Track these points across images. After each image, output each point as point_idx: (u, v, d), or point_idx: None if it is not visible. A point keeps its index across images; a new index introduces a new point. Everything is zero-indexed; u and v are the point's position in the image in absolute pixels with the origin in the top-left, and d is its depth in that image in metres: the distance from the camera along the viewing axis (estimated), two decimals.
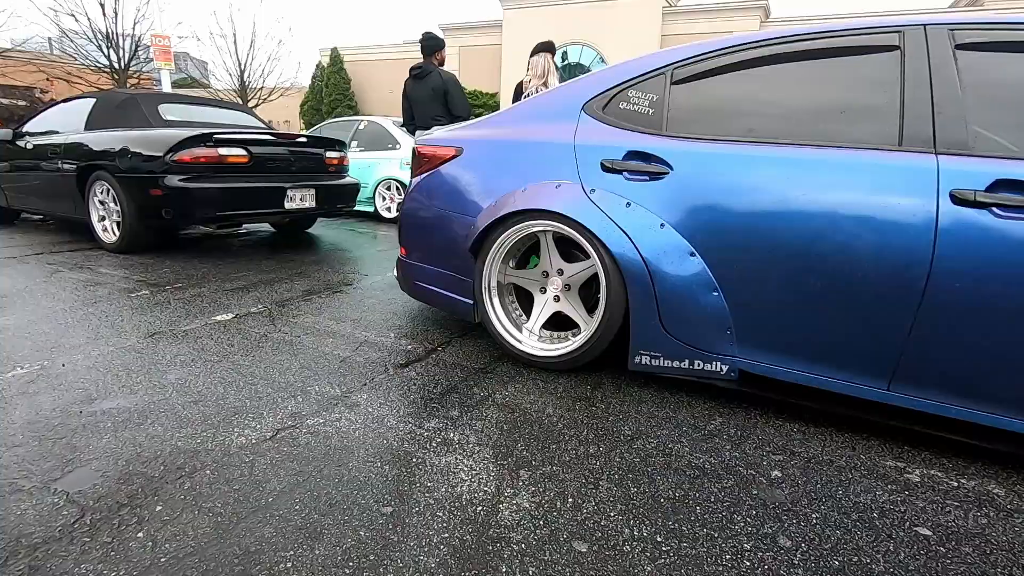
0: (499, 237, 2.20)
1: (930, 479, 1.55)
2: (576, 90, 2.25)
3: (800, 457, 1.63)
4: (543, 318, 2.27)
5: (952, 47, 1.67)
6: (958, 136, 1.59)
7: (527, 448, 1.62)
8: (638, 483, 1.47)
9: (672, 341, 1.94)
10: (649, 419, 1.82)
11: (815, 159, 1.74)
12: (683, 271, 1.88)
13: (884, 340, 1.66)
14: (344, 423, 1.72)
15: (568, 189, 2.06)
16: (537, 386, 2.04)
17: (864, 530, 1.32)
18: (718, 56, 1.99)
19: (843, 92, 1.84)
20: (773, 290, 1.79)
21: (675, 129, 1.98)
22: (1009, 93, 1.64)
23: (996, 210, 1.50)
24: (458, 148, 2.39)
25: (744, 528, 1.31)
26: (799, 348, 1.80)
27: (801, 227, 1.72)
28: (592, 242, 1.99)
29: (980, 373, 1.58)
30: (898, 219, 1.60)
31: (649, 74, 2.08)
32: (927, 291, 1.57)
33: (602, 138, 2.07)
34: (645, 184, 1.95)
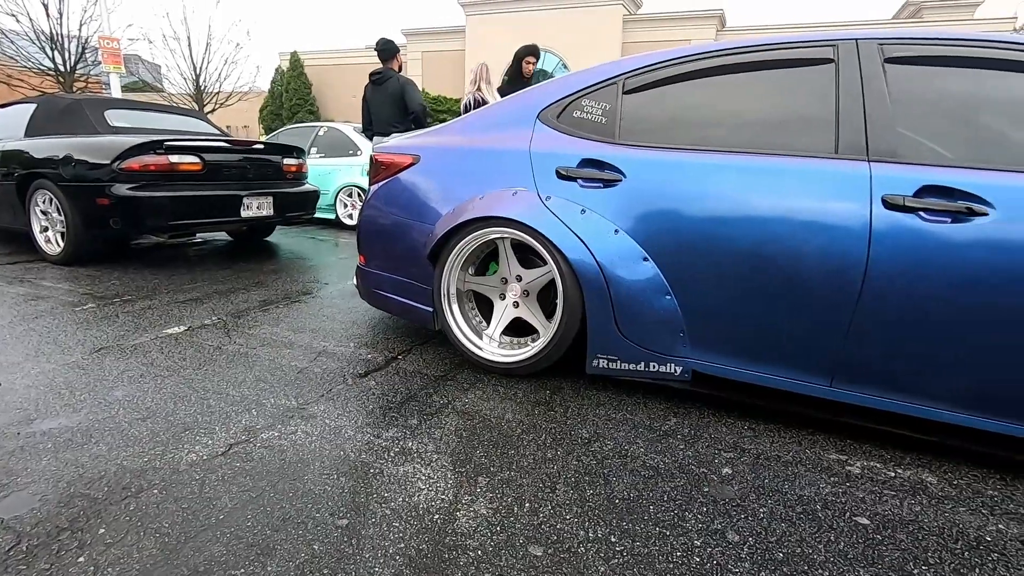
0: (457, 244, 2.21)
1: (869, 470, 1.62)
2: (531, 99, 2.28)
3: (750, 454, 1.68)
4: (503, 324, 2.28)
5: (881, 60, 1.77)
6: (888, 144, 1.68)
7: (486, 455, 1.62)
8: (594, 485, 1.49)
9: (628, 344, 1.98)
10: (606, 421, 1.85)
11: (759, 166, 1.81)
12: (637, 276, 1.92)
13: (825, 339, 1.74)
14: (300, 436, 1.69)
15: (524, 196, 2.09)
16: (497, 392, 2.05)
17: (807, 522, 1.38)
18: (666, 67, 2.05)
19: (784, 102, 1.93)
20: (723, 293, 1.85)
21: (627, 137, 2.03)
22: (932, 104, 1.75)
23: (923, 214, 1.59)
24: (415, 156, 2.39)
25: (695, 525, 1.35)
26: (748, 348, 1.86)
27: (747, 232, 1.79)
28: (548, 248, 2.02)
29: (913, 368, 1.67)
30: (836, 223, 1.68)
31: (602, 84, 2.13)
32: (863, 292, 1.65)
33: (557, 146, 2.11)
34: (599, 191, 1.99)
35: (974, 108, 1.74)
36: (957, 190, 1.57)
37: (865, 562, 1.24)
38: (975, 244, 1.54)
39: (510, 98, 2.41)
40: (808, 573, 1.20)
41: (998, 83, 1.70)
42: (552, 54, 25.36)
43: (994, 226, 1.53)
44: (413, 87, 4.65)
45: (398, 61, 4.76)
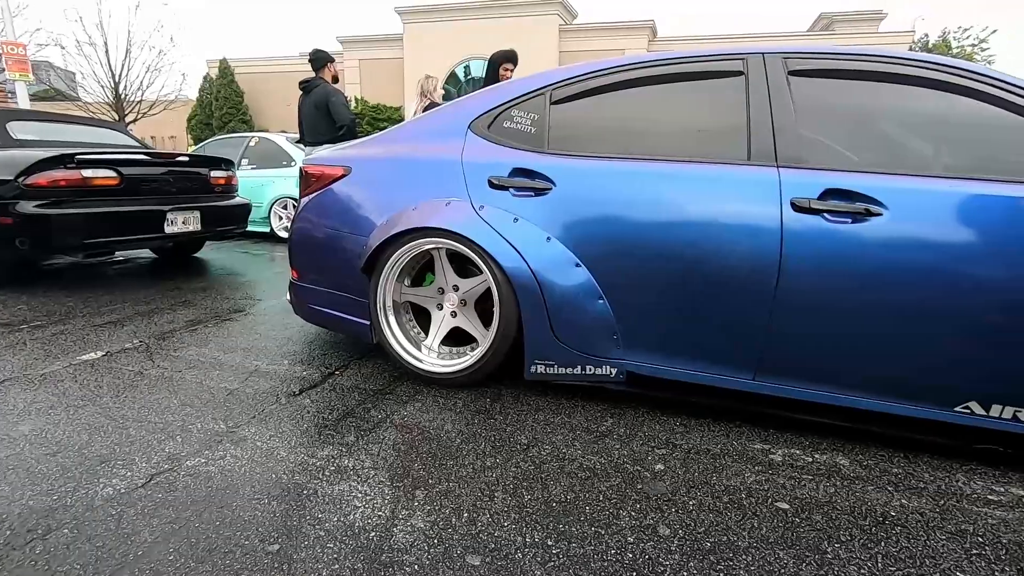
0: (392, 255, 2.18)
1: (790, 457, 1.72)
2: (462, 109, 2.30)
3: (681, 449, 1.75)
4: (441, 334, 2.28)
5: (785, 73, 1.89)
6: (795, 151, 1.80)
7: (424, 467, 1.61)
8: (532, 490, 1.51)
9: (564, 349, 2.02)
10: (545, 426, 1.88)
11: (679, 173, 1.90)
12: (570, 281, 1.97)
13: (747, 335, 1.84)
14: (229, 460, 1.63)
15: (458, 206, 2.09)
16: (437, 403, 2.04)
17: (733, 510, 1.45)
18: (591, 78, 2.11)
19: (701, 112, 2.04)
20: (652, 295, 1.92)
21: (556, 147, 2.08)
22: (831, 113, 1.89)
23: (827, 215, 1.71)
24: (346, 167, 2.35)
25: (629, 522, 1.39)
26: (678, 347, 1.94)
27: (671, 236, 1.87)
28: (483, 257, 2.03)
29: (825, 359, 1.79)
30: (751, 225, 1.78)
31: (530, 94, 2.17)
32: (778, 289, 1.76)
33: (489, 156, 2.13)
34: (531, 200, 2.03)
35: (869, 117, 1.90)
36: (856, 192, 1.70)
37: (784, 544, 1.32)
38: (873, 242, 1.67)
39: (440, 109, 2.42)
40: (733, 559, 1.27)
41: (889, 94, 1.86)
42: None
43: (888, 225, 1.66)
44: (339, 99, 4.56)
45: (330, 71, 4.69)
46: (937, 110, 1.83)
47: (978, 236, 1.62)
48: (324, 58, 4.67)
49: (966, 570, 1.26)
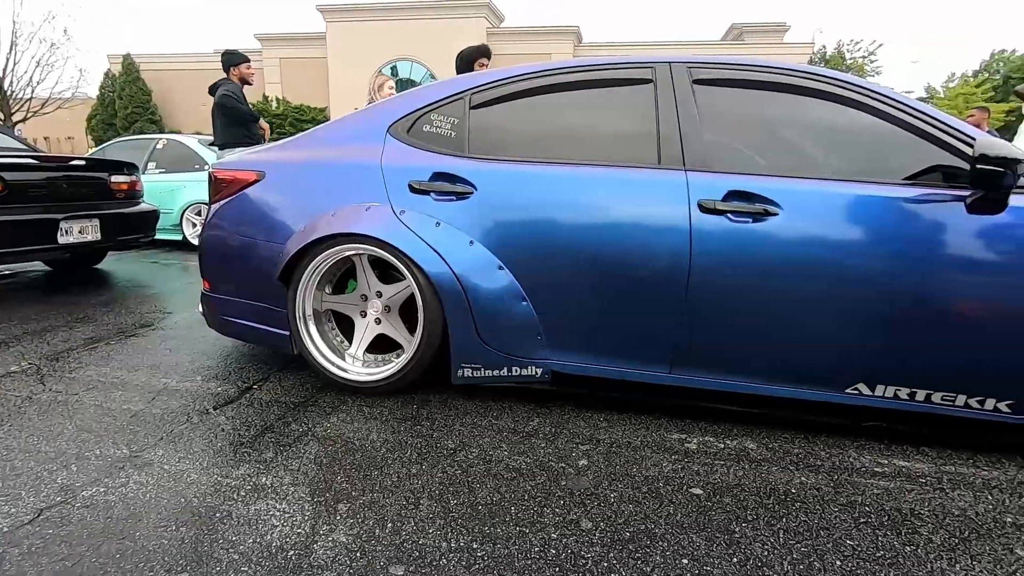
0: (311, 263, 2.12)
1: (704, 445, 1.82)
2: (381, 113, 2.26)
3: (604, 444, 1.81)
4: (366, 342, 2.23)
5: (690, 82, 2.00)
6: (700, 155, 1.91)
7: (348, 479, 1.57)
8: (458, 494, 1.51)
9: (490, 351, 2.03)
10: (472, 429, 1.89)
11: (596, 176, 1.96)
12: (494, 284, 1.99)
13: (662, 330, 1.92)
14: (131, 488, 1.52)
15: (378, 211, 2.06)
16: (362, 413, 2.00)
17: (651, 500, 1.51)
18: (509, 83, 2.14)
19: (615, 117, 2.11)
20: (573, 295, 1.97)
21: (477, 151, 2.09)
22: (733, 120, 2.02)
23: (730, 215, 1.82)
24: (260, 172, 2.26)
25: (552, 519, 1.42)
26: (599, 345, 2.00)
27: (589, 237, 1.93)
28: (406, 263, 2.01)
29: (734, 350, 1.91)
30: (663, 226, 1.87)
31: (449, 98, 2.17)
32: (689, 286, 1.86)
33: (409, 160, 2.11)
34: (452, 204, 2.03)
35: (766, 124, 2.04)
36: (755, 194, 1.82)
37: (697, 528, 1.40)
38: (770, 239, 1.80)
39: (359, 112, 2.37)
40: (650, 546, 1.32)
41: (783, 103, 2.01)
42: (420, 64, 25.32)
43: (783, 224, 1.79)
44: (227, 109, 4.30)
45: (237, 72, 4.47)
46: (825, 118, 2.00)
47: (861, 232, 1.79)
48: (232, 59, 4.46)
49: (855, 537, 1.38)
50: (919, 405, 1.83)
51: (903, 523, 1.44)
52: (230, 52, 4.51)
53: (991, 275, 1.72)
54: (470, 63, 4.30)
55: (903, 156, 1.85)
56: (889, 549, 1.34)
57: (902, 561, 1.30)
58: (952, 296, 1.73)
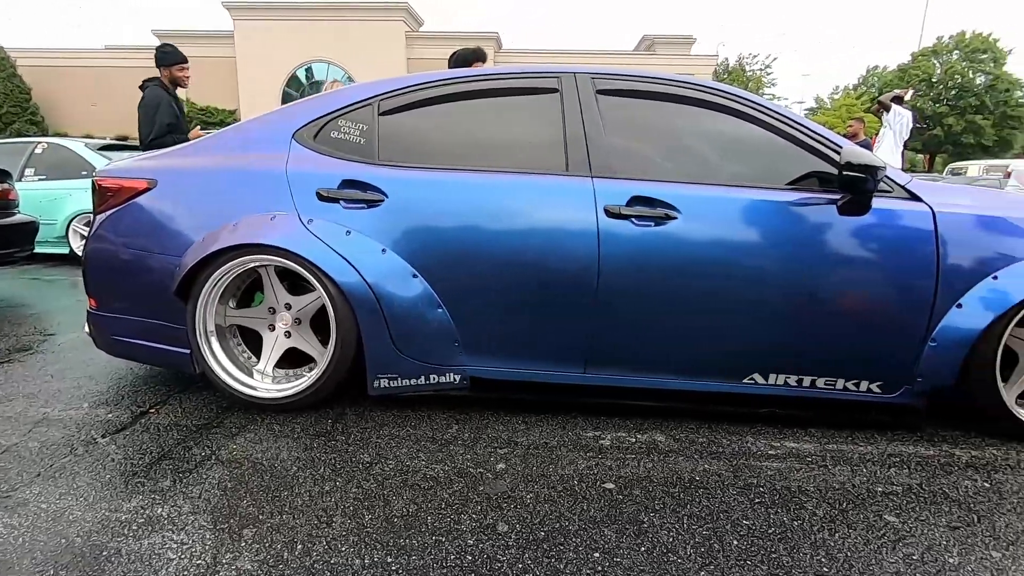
0: (211, 276, 2.00)
1: (617, 441, 1.89)
2: (285, 118, 2.18)
3: (522, 446, 1.84)
4: (275, 357, 2.13)
5: (594, 91, 2.08)
6: (605, 162, 1.99)
7: (255, 503, 1.50)
8: (373, 509, 1.48)
9: (406, 360, 2.01)
10: (390, 440, 1.85)
11: (507, 183, 1.99)
12: (408, 292, 1.97)
13: (575, 331, 1.98)
14: (0, 532, 1.36)
15: (284, 220, 1.98)
16: (272, 431, 1.91)
17: (566, 497, 1.55)
18: (418, 90, 2.13)
19: (523, 125, 2.16)
20: (488, 300, 1.99)
21: (387, 158, 2.06)
22: (635, 128, 2.12)
23: (634, 220, 1.91)
24: (151, 180, 2.10)
25: (469, 525, 1.42)
26: (515, 349, 2.03)
27: (502, 243, 1.96)
28: (315, 273, 1.94)
29: (641, 348, 2.00)
30: (571, 230, 1.93)
31: (357, 104, 2.13)
32: (599, 288, 1.93)
33: (316, 167, 2.05)
34: (363, 212, 1.99)
35: (666, 133, 2.16)
36: (657, 199, 1.93)
37: (609, 521, 1.45)
38: (672, 242, 1.91)
39: (261, 117, 2.27)
40: (564, 544, 1.36)
41: (681, 113, 2.13)
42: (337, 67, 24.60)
43: (682, 227, 1.91)
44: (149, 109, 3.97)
45: (168, 74, 4.11)
46: (717, 128, 2.15)
47: (750, 234, 1.93)
48: (164, 57, 4.10)
49: (750, 517, 1.48)
50: (806, 390, 2.00)
51: (792, 500, 1.57)
52: (164, 49, 4.10)
53: (860, 270, 1.92)
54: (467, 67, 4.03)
55: (785, 163, 2.02)
56: (779, 525, 1.45)
57: (790, 535, 1.41)
58: (828, 290, 1.91)
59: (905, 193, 1.93)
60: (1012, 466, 1.79)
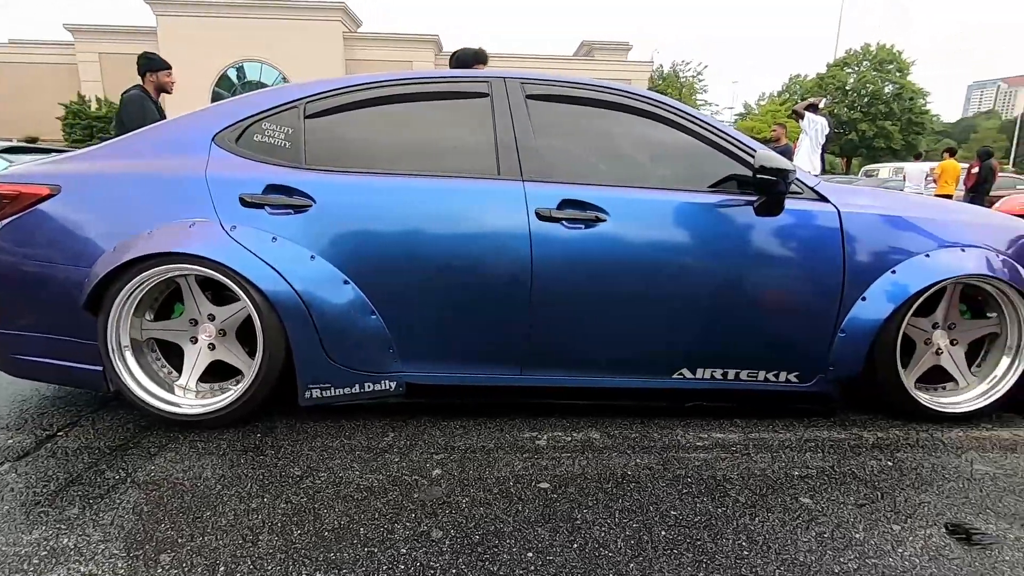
0: (124, 288, 1.88)
1: (553, 440, 1.92)
2: (204, 120, 2.09)
3: (459, 451, 1.83)
4: (199, 371, 2.03)
5: (524, 96, 2.11)
6: (536, 166, 2.02)
7: (173, 526, 1.42)
8: (303, 524, 1.43)
9: (339, 369, 1.96)
10: (322, 452, 1.80)
11: (439, 187, 1.99)
12: (339, 299, 1.92)
13: (510, 334, 2.00)
14: None
15: (205, 228, 1.89)
16: (195, 449, 1.81)
17: (502, 499, 1.56)
18: (346, 93, 2.09)
19: (455, 129, 2.16)
20: (422, 305, 1.98)
21: (314, 162, 2.01)
22: (564, 133, 2.16)
23: (565, 222, 1.95)
24: (54, 186, 1.95)
25: (403, 534, 1.40)
26: (451, 353, 2.03)
27: (435, 247, 1.95)
28: (239, 282, 1.86)
29: (575, 348, 2.04)
30: (504, 234, 1.95)
31: (282, 107, 2.06)
32: (533, 290, 1.95)
33: (239, 172, 1.97)
34: (290, 217, 1.93)
35: (594, 137, 2.22)
36: (586, 202, 1.97)
37: (543, 520, 1.47)
38: (601, 244, 1.96)
39: (178, 119, 2.16)
40: (498, 546, 1.37)
41: (608, 119, 2.20)
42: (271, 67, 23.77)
43: (611, 229, 1.96)
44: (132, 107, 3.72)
45: (155, 79, 3.88)
46: (643, 133, 2.22)
47: (676, 235, 2.01)
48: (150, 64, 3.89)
49: (678, 507, 1.54)
50: (731, 383, 2.10)
51: (717, 488, 1.64)
52: (149, 56, 3.94)
53: (776, 267, 2.04)
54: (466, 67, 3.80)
55: (707, 167, 2.11)
56: (705, 513, 1.52)
57: (714, 522, 1.48)
58: (747, 287, 2.01)
59: (814, 194, 2.06)
60: (912, 445, 1.94)
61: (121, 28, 23.52)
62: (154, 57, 4.00)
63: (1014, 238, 2.17)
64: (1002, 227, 2.23)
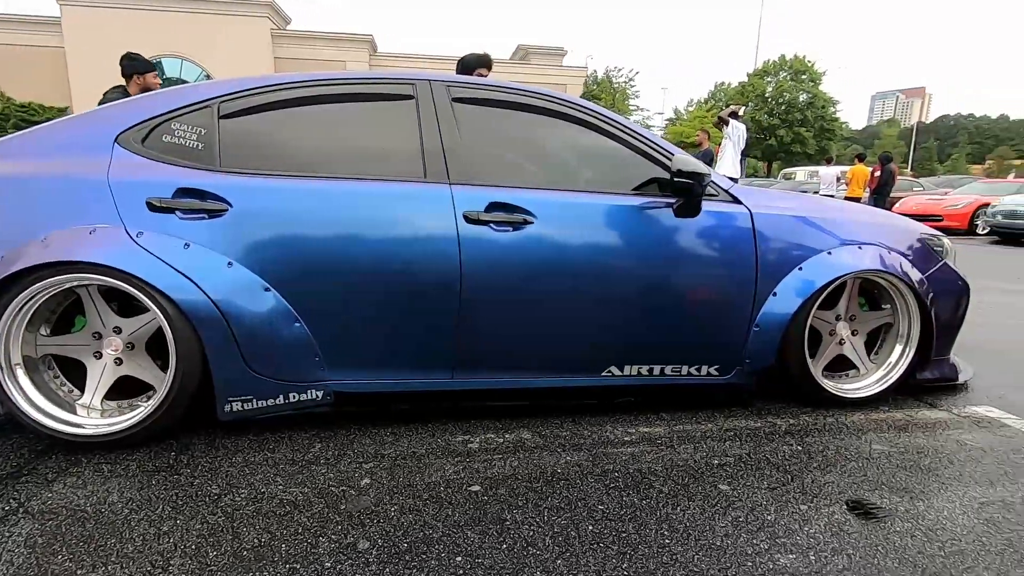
0: (15, 300, 1.72)
1: (486, 442, 1.93)
2: (106, 119, 1.95)
3: (389, 458, 1.80)
4: (104, 388, 1.89)
5: (450, 99, 2.10)
6: (463, 170, 2.02)
7: (72, 557, 1.31)
8: (219, 544, 1.36)
9: (261, 380, 1.88)
10: (243, 468, 1.72)
11: (365, 191, 1.95)
12: (260, 307, 1.84)
13: (441, 337, 1.99)
14: None
15: (107, 234, 1.77)
16: (100, 472, 1.69)
17: (432, 505, 1.55)
18: (264, 93, 2.02)
19: (380, 131, 2.13)
20: (350, 311, 1.93)
21: (230, 164, 1.92)
22: (491, 136, 2.18)
23: (493, 225, 1.96)
24: None
25: (328, 547, 1.36)
26: (381, 360, 1.99)
27: (362, 252, 1.91)
28: (147, 292, 1.75)
29: (506, 349, 2.05)
30: (432, 237, 1.93)
31: (193, 106, 1.96)
32: (462, 292, 1.95)
33: (146, 174, 1.85)
34: (204, 222, 1.83)
35: (520, 141, 2.25)
36: (514, 205, 1.99)
37: (473, 523, 1.47)
38: (529, 246, 1.98)
39: (75, 118, 2.01)
40: (427, 552, 1.35)
41: (534, 123, 2.23)
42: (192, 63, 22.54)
43: (539, 231, 1.99)
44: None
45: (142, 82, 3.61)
46: (569, 138, 2.27)
47: (602, 237, 2.07)
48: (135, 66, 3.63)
49: (605, 502, 1.58)
50: (657, 378, 2.18)
51: (642, 481, 1.70)
52: (132, 57, 3.70)
53: (695, 266, 2.13)
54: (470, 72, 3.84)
55: (630, 171, 2.18)
56: (630, 506, 1.57)
57: (639, 514, 1.53)
58: (669, 285, 2.10)
59: (729, 197, 2.18)
60: (820, 429, 2.09)
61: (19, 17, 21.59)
62: (137, 58, 3.81)
63: (905, 237, 2.38)
64: (895, 227, 2.44)
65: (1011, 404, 2.34)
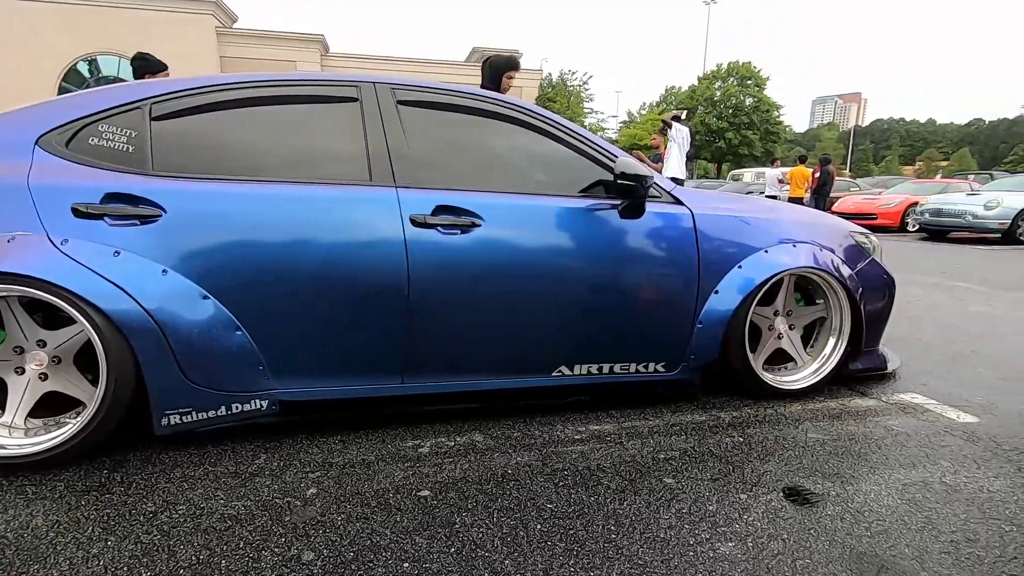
0: None
1: (436, 446, 1.92)
2: (25, 120, 1.85)
3: (337, 467, 1.77)
4: (28, 405, 1.78)
5: (395, 102, 2.08)
6: (409, 173, 2.00)
7: None
8: (153, 564, 1.31)
9: (201, 391, 1.81)
10: (182, 483, 1.66)
11: (308, 195, 1.90)
12: (198, 316, 1.78)
13: (390, 342, 1.97)
14: None
15: (27, 242, 1.67)
16: (23, 494, 1.59)
17: (380, 512, 1.53)
18: (200, 94, 1.95)
19: (324, 134, 2.08)
20: (295, 318, 1.88)
21: (164, 168, 1.84)
22: (437, 139, 2.17)
23: (440, 228, 1.95)
24: None
25: (271, 561, 1.33)
26: (328, 366, 1.95)
27: (305, 257, 1.87)
28: (74, 303, 1.66)
29: (455, 353, 2.05)
30: (379, 241, 1.91)
31: (122, 107, 1.88)
32: (410, 296, 1.93)
33: (70, 179, 1.76)
34: (136, 229, 1.75)
35: (467, 144, 2.25)
36: (461, 208, 1.99)
37: (421, 529, 1.46)
38: (477, 248, 1.99)
39: None
40: (374, 560, 1.34)
41: (481, 127, 2.24)
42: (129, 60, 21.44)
43: (487, 234, 2.00)
44: None
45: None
46: (516, 141, 2.29)
47: (550, 239, 2.09)
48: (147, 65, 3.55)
49: (554, 500, 1.60)
50: (606, 376, 2.22)
51: (591, 478, 1.73)
52: (144, 57, 3.66)
53: (640, 266, 2.19)
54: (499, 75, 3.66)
55: (576, 173, 2.22)
56: (579, 503, 1.59)
57: (587, 511, 1.55)
58: (615, 285, 2.15)
59: (671, 198, 2.24)
60: (760, 420, 2.18)
61: None
62: (149, 58, 3.71)
63: (835, 235, 2.51)
64: (827, 226, 2.57)
65: (933, 391, 2.50)
